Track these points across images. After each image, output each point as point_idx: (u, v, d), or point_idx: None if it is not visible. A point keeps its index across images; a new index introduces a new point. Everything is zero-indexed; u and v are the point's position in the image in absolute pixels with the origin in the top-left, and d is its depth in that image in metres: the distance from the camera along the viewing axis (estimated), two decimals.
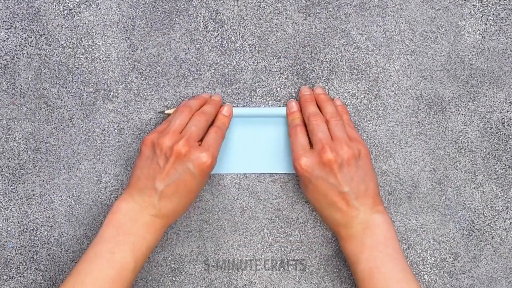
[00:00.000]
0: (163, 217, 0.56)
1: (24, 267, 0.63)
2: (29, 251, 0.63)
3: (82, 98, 0.63)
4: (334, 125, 0.58)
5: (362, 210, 0.55)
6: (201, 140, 0.58)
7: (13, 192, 0.63)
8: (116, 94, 0.63)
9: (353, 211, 0.56)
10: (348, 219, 0.56)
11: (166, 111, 0.62)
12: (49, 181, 0.63)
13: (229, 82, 0.64)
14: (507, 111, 0.64)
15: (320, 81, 0.64)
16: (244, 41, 0.64)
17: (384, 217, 0.56)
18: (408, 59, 0.64)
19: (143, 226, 0.55)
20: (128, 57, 0.63)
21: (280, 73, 0.64)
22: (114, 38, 0.63)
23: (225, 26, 0.63)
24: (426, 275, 0.63)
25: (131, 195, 0.56)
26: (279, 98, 0.64)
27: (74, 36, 0.63)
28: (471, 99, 0.64)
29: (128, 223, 0.54)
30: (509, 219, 0.64)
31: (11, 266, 0.62)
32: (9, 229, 0.63)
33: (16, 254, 0.63)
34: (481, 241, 0.64)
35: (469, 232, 0.64)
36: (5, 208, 0.63)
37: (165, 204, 0.56)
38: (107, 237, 0.54)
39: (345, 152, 0.55)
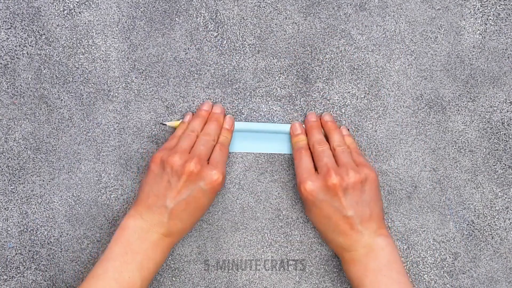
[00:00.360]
0: (171, 236, 0.57)
1: (24, 267, 0.63)
2: (29, 251, 0.63)
3: (82, 98, 0.63)
4: (340, 152, 0.59)
5: (366, 234, 0.55)
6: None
7: (13, 192, 0.63)
8: (116, 94, 0.63)
9: (357, 235, 0.55)
10: (352, 242, 0.56)
11: (168, 123, 0.62)
12: (49, 181, 0.63)
13: (229, 82, 0.64)
14: (507, 111, 0.64)
15: (320, 81, 0.64)
16: (244, 41, 0.64)
17: (387, 241, 0.56)
18: (408, 59, 0.64)
19: (151, 245, 0.55)
20: (128, 57, 0.63)
21: (280, 73, 0.64)
22: (114, 38, 0.63)
23: (225, 26, 0.63)
24: (426, 275, 0.63)
25: (139, 212, 0.56)
26: (279, 98, 0.64)
27: (74, 36, 0.63)
28: (471, 99, 0.64)
29: (137, 242, 0.55)
30: (509, 219, 0.64)
31: (11, 266, 0.62)
32: (9, 229, 0.63)
33: (16, 254, 0.63)
34: (481, 241, 0.64)
35: (469, 232, 0.64)
36: (5, 208, 0.63)
37: (175, 222, 0.56)
38: (115, 255, 0.54)
39: (350, 177, 0.55)
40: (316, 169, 0.58)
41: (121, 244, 0.55)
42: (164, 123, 0.62)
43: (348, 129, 0.63)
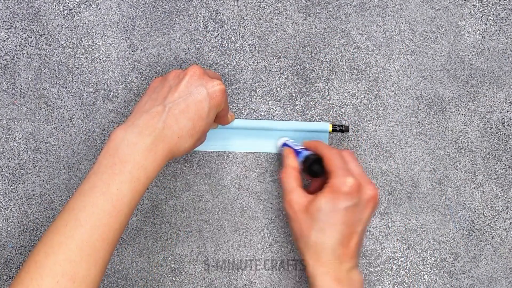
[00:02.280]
0: (165, 141, 0.51)
1: None
2: (29, 251, 0.63)
3: (82, 98, 0.63)
4: None
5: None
6: None
7: (13, 192, 0.63)
8: (116, 94, 0.63)
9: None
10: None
11: None
12: (49, 181, 0.63)
13: (229, 82, 0.64)
14: (507, 111, 0.64)
15: (320, 81, 0.64)
16: (244, 41, 0.64)
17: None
18: (408, 59, 0.64)
19: (142, 152, 0.49)
20: (128, 57, 0.63)
21: (280, 73, 0.64)
22: (114, 38, 0.63)
23: (225, 26, 0.63)
24: (426, 275, 0.63)
25: (132, 120, 0.51)
26: (279, 98, 0.64)
27: (74, 36, 0.63)
28: (471, 99, 0.64)
29: (125, 149, 0.49)
30: (509, 219, 0.64)
31: (11, 266, 0.62)
32: (9, 229, 0.63)
33: (16, 254, 0.63)
34: (481, 241, 0.64)
35: (469, 232, 0.64)
36: (5, 208, 0.63)
37: (171, 123, 0.51)
38: (102, 168, 0.49)
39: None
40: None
41: (109, 155, 0.49)
42: None
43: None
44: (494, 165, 0.64)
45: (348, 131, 0.63)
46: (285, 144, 0.62)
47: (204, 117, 0.52)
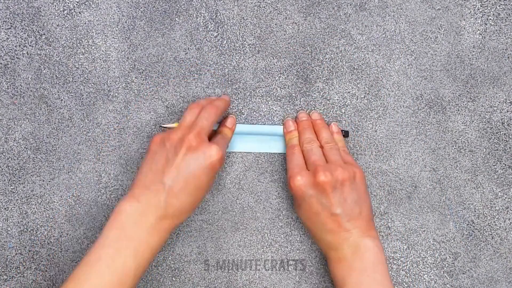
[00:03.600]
0: (169, 218, 0.54)
1: (24, 267, 0.63)
2: (29, 251, 0.63)
3: (82, 98, 0.63)
4: (329, 149, 0.59)
5: (354, 233, 0.55)
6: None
7: (13, 192, 0.63)
8: (116, 94, 0.63)
9: (345, 233, 0.55)
10: (339, 241, 0.55)
11: (167, 125, 0.62)
12: (49, 181, 0.63)
13: (229, 82, 0.64)
14: (507, 111, 0.64)
15: (320, 81, 0.64)
16: (244, 41, 0.64)
17: (375, 242, 0.55)
18: (408, 59, 0.64)
19: (147, 230, 0.53)
20: (128, 57, 0.63)
21: (280, 73, 0.64)
22: (114, 38, 0.63)
23: (225, 26, 0.63)
24: (426, 275, 0.63)
25: (135, 196, 0.54)
26: (279, 98, 0.64)
27: (74, 36, 0.63)
28: (471, 99, 0.64)
29: (132, 227, 0.52)
30: (509, 219, 0.64)
31: (11, 266, 0.62)
32: (9, 229, 0.63)
33: (16, 254, 0.63)
34: (481, 241, 0.64)
35: (469, 232, 0.64)
36: (5, 208, 0.63)
37: (172, 202, 0.53)
38: (109, 241, 0.52)
39: (339, 174, 0.55)
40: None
41: (115, 229, 0.52)
42: (163, 125, 0.62)
43: (339, 127, 0.63)
44: (494, 165, 0.64)
45: (348, 136, 0.63)
46: None
47: (204, 187, 0.55)
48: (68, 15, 0.63)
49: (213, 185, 0.63)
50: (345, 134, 0.63)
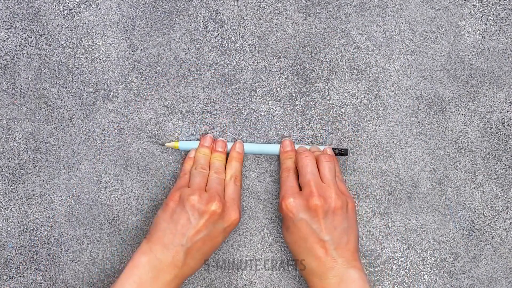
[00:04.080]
0: (182, 275, 0.57)
1: (24, 267, 0.63)
2: (29, 251, 0.63)
3: (82, 98, 0.63)
4: (325, 165, 0.58)
5: (340, 263, 0.55)
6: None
7: (13, 192, 0.63)
8: (116, 94, 0.63)
9: (331, 262, 0.55)
10: (324, 269, 0.55)
11: (167, 144, 0.62)
12: (49, 181, 0.63)
13: (229, 82, 0.64)
14: (507, 111, 0.64)
15: (320, 81, 0.64)
16: (244, 41, 0.64)
17: (360, 274, 0.55)
18: (408, 59, 0.64)
19: (162, 285, 0.55)
20: (128, 57, 0.63)
21: (280, 73, 0.64)
22: (114, 38, 0.63)
23: (225, 26, 0.63)
24: (426, 275, 0.63)
25: (153, 250, 0.56)
26: (279, 98, 0.64)
27: (74, 36, 0.63)
28: (471, 99, 0.64)
29: (150, 282, 0.55)
30: (509, 219, 0.64)
31: (11, 266, 0.62)
32: (9, 229, 0.63)
33: (16, 254, 0.63)
34: (481, 241, 0.64)
35: (469, 232, 0.64)
36: (5, 208, 0.63)
37: (189, 262, 0.56)
38: None
39: (333, 201, 0.55)
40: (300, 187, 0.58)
41: (133, 282, 0.54)
42: (163, 144, 0.62)
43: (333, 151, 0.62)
44: (494, 165, 0.64)
45: (347, 155, 0.62)
46: None
47: (218, 246, 0.58)
48: (68, 15, 0.63)
49: None
50: (344, 152, 0.62)
